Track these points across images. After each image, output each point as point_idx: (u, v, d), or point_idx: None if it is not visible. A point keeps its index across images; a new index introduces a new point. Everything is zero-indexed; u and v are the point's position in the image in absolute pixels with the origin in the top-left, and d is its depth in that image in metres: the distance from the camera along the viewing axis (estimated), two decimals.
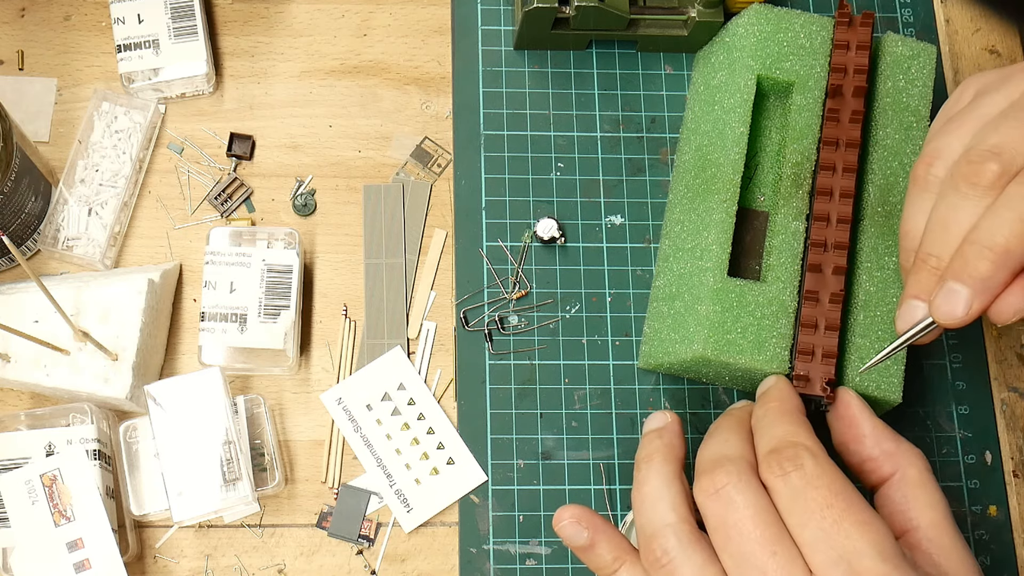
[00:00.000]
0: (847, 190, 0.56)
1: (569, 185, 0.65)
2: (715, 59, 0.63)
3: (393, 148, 0.66)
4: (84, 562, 0.54)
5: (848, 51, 0.59)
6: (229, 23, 0.67)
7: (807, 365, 0.54)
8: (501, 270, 0.63)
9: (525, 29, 0.64)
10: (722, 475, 0.45)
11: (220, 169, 0.65)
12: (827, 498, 0.43)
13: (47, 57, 0.65)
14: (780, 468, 0.45)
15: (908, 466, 0.49)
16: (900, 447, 0.50)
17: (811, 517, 0.43)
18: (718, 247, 0.56)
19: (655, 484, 0.47)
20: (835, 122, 0.58)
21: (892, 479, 0.49)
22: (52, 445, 0.56)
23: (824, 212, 0.56)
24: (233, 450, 0.56)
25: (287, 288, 0.59)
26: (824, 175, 0.57)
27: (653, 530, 0.46)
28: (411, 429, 0.61)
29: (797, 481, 0.44)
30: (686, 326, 0.56)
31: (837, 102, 0.58)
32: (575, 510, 0.49)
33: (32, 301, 0.58)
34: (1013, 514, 0.61)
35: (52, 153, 0.64)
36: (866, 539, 0.42)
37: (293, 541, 0.59)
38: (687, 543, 0.45)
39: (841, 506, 0.43)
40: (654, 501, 0.47)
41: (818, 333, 0.54)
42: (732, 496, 0.44)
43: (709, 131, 0.61)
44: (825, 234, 0.56)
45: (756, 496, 0.44)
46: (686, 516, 0.46)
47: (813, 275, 0.55)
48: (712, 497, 0.45)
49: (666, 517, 0.46)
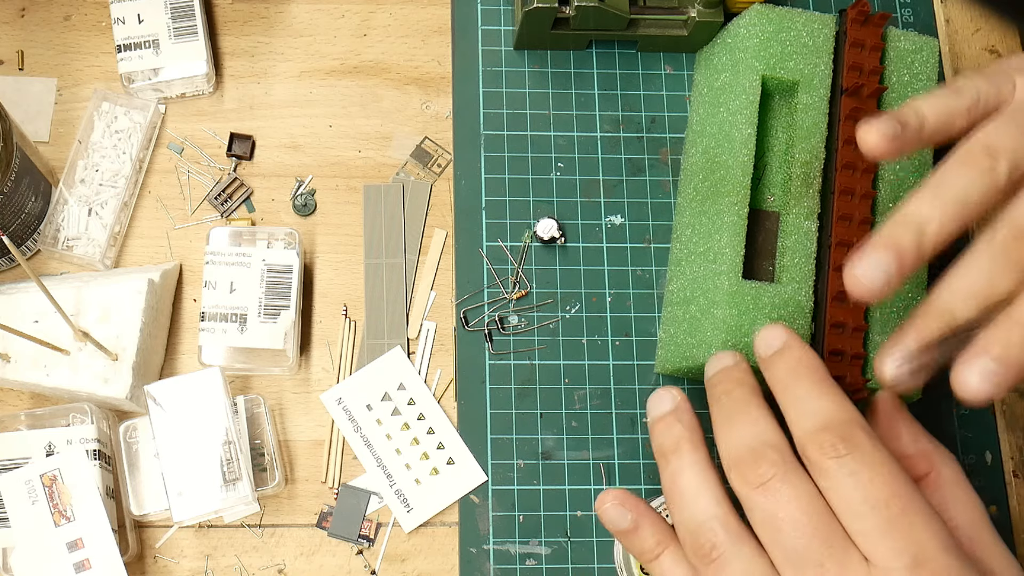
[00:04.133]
0: (867, 191, 0.56)
1: (569, 185, 0.65)
2: (718, 60, 0.63)
3: (393, 148, 0.66)
4: (84, 562, 0.54)
5: (863, 50, 0.58)
6: (229, 23, 0.67)
7: (836, 366, 0.53)
8: (501, 270, 0.63)
9: (525, 29, 0.64)
10: (767, 466, 0.43)
11: (220, 169, 0.65)
12: (891, 485, 0.41)
13: (47, 57, 0.65)
14: (833, 449, 0.42)
15: (943, 466, 0.47)
16: (937, 447, 0.48)
17: (874, 506, 0.41)
18: (731, 250, 0.56)
19: (692, 476, 0.46)
20: (854, 121, 0.57)
21: (928, 478, 0.47)
22: (52, 445, 0.56)
23: (848, 212, 0.56)
24: (233, 450, 0.56)
25: (287, 288, 0.59)
26: (845, 174, 0.56)
27: (698, 523, 0.44)
28: (411, 429, 0.61)
29: (854, 464, 0.42)
30: (703, 330, 0.56)
31: (855, 101, 0.58)
32: (618, 493, 0.47)
33: (32, 301, 0.58)
34: (1013, 514, 0.61)
35: (52, 153, 0.64)
36: (931, 534, 0.40)
37: (293, 541, 0.59)
38: (736, 537, 0.43)
39: (907, 495, 0.41)
40: (695, 494, 0.45)
41: (845, 334, 0.54)
42: (779, 488, 0.42)
43: (715, 133, 0.61)
44: (849, 233, 0.55)
45: (805, 486, 0.42)
46: (731, 508, 0.44)
47: (838, 275, 0.54)
48: (758, 491, 0.43)
49: (711, 509, 0.44)
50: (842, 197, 0.56)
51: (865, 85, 0.58)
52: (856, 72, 0.58)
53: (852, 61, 0.58)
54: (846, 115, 0.57)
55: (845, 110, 0.58)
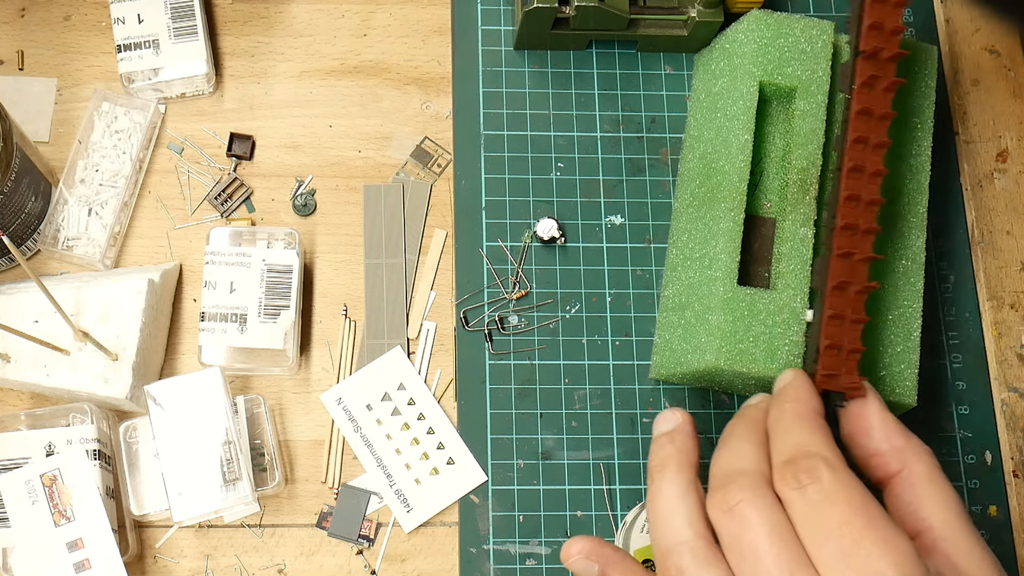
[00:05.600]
0: (877, 168, 0.52)
1: (569, 185, 0.65)
2: (716, 66, 0.63)
3: (393, 148, 0.66)
4: (84, 562, 0.54)
5: (882, 31, 0.53)
6: (229, 23, 0.67)
7: (834, 360, 0.51)
8: (501, 270, 0.63)
9: (525, 29, 0.64)
10: (735, 491, 0.43)
11: (220, 169, 0.65)
12: (846, 515, 0.41)
13: (47, 57, 0.65)
14: (796, 481, 0.43)
15: (916, 462, 0.47)
16: (909, 443, 0.48)
17: (829, 535, 0.41)
18: (727, 256, 0.56)
19: (668, 497, 0.46)
20: (869, 89, 0.53)
21: (899, 476, 0.47)
22: (52, 445, 0.56)
23: (856, 189, 0.52)
24: (233, 450, 0.56)
25: (287, 288, 0.59)
26: (855, 148, 0.53)
27: (668, 547, 0.44)
28: (411, 429, 0.61)
29: (814, 495, 0.42)
30: (697, 336, 0.56)
31: (872, 67, 0.52)
32: (582, 544, 0.47)
33: (32, 301, 0.58)
34: (1013, 514, 0.61)
35: (52, 153, 0.64)
36: (887, 559, 0.40)
37: (293, 541, 0.59)
38: (702, 561, 0.43)
39: (861, 523, 0.41)
40: (669, 516, 0.45)
41: (844, 325, 0.52)
42: (746, 513, 0.43)
43: (712, 139, 0.60)
44: (856, 215, 0.52)
45: (771, 513, 0.43)
46: (702, 532, 0.44)
47: (842, 262, 0.52)
48: (726, 515, 0.43)
49: (681, 534, 0.44)
50: (851, 175, 0.52)
51: (885, 48, 0.52)
52: (875, 32, 0.52)
53: (873, 19, 0.52)
54: (863, 81, 0.52)
55: (862, 76, 0.52)
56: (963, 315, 0.65)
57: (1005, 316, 0.65)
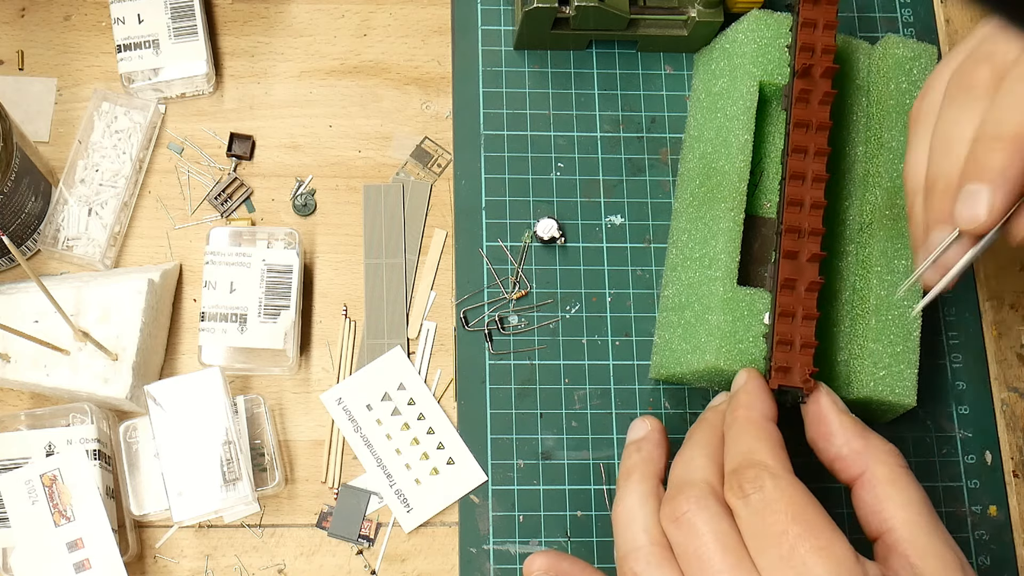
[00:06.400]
0: (819, 173, 0.55)
1: (569, 185, 0.65)
2: (716, 66, 0.63)
3: (393, 148, 0.66)
4: (84, 562, 0.54)
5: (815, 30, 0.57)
6: (229, 23, 0.67)
7: (786, 355, 0.52)
8: (501, 270, 0.63)
9: (525, 29, 0.64)
10: (683, 501, 0.45)
11: (220, 169, 0.65)
12: (784, 523, 0.43)
13: (47, 57, 0.65)
14: (741, 490, 0.44)
15: (877, 464, 0.48)
16: (869, 445, 0.48)
17: (769, 543, 0.43)
18: (726, 256, 0.56)
19: (629, 506, 0.47)
20: (805, 104, 0.56)
21: (862, 478, 0.48)
22: (52, 445, 0.56)
23: (797, 194, 0.55)
24: (233, 450, 0.56)
25: (287, 288, 0.59)
26: (795, 158, 0.55)
27: (625, 552, 0.46)
28: (411, 429, 0.61)
29: (757, 504, 0.44)
30: (697, 336, 0.56)
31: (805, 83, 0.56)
32: (543, 560, 0.49)
33: (32, 301, 0.58)
34: (1013, 514, 0.61)
35: (52, 153, 0.64)
36: (822, 566, 0.41)
37: (293, 541, 0.59)
38: (655, 567, 0.45)
39: (797, 531, 0.42)
40: (628, 523, 0.47)
41: (795, 322, 0.52)
42: (693, 522, 0.44)
43: (713, 139, 0.60)
44: (799, 218, 0.54)
45: (717, 522, 0.44)
46: (657, 538, 0.46)
47: (788, 263, 0.53)
48: (675, 524, 0.45)
49: (637, 540, 0.46)
50: (792, 182, 0.55)
51: (815, 65, 0.56)
52: (808, 53, 0.56)
53: (804, 41, 0.56)
54: (796, 96, 0.56)
55: (796, 91, 0.56)
56: (963, 315, 0.65)
57: (1005, 316, 0.65)
